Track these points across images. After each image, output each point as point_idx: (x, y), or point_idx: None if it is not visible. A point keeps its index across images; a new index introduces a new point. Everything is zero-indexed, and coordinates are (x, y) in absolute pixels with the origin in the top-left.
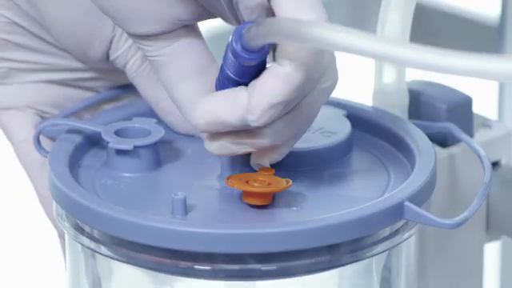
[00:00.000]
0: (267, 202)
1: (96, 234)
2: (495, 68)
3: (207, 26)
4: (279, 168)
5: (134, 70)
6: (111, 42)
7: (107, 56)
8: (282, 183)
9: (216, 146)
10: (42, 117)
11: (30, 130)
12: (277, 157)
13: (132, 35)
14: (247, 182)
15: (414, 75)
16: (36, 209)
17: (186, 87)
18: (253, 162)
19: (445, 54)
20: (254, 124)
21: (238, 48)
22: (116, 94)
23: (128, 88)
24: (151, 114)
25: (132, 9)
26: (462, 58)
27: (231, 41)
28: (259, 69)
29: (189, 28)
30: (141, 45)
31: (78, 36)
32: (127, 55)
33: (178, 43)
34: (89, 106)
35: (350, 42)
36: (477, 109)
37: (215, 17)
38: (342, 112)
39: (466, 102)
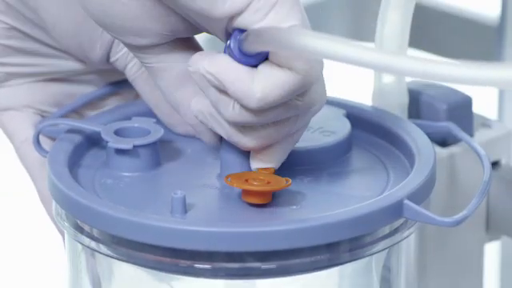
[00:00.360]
0: (267, 201)
1: (96, 233)
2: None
3: None
4: (279, 167)
5: (134, 72)
6: (112, 45)
7: (107, 58)
8: (281, 182)
9: (197, 107)
10: (41, 116)
11: (30, 130)
12: (272, 161)
13: (126, 45)
14: (247, 180)
15: None
16: (36, 209)
17: (184, 92)
18: (251, 163)
19: (432, 62)
20: (252, 102)
21: (236, 51)
22: (115, 89)
23: (126, 83)
24: (151, 113)
25: (122, 24)
26: (441, 64)
27: (228, 45)
28: None
29: (185, 38)
30: (136, 53)
31: (79, 39)
32: (127, 58)
33: (173, 52)
34: (88, 102)
35: (337, 50)
36: (477, 109)
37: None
38: (342, 111)
39: (466, 102)
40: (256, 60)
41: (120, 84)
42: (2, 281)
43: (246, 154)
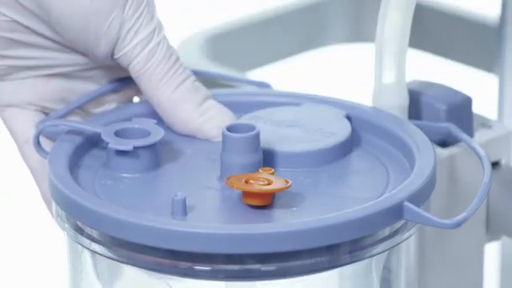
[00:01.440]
0: (267, 203)
1: (96, 234)
2: None
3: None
4: (279, 168)
5: (137, 70)
6: (116, 42)
7: (112, 54)
8: (281, 183)
9: None
10: (44, 113)
11: (33, 130)
12: None
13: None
14: (247, 182)
15: (414, 75)
16: (37, 209)
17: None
18: None
19: None
20: None
21: None
22: (117, 87)
23: (129, 80)
24: (151, 114)
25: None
26: None
27: None
28: None
29: None
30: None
31: (84, 35)
32: (131, 56)
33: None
34: (89, 100)
35: None
36: (477, 109)
37: None
38: (342, 112)
39: (466, 102)
40: None
41: (122, 81)
42: (2, 281)
43: (247, 155)
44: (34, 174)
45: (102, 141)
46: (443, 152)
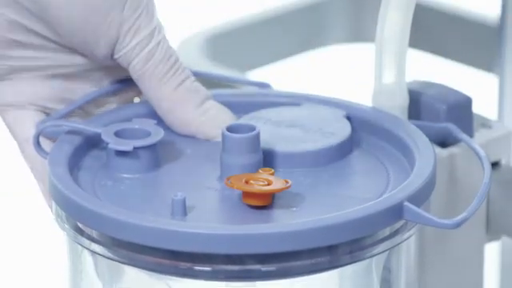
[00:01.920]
0: (267, 203)
1: (96, 235)
2: None
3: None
4: (279, 168)
5: (138, 69)
6: (116, 42)
7: (112, 54)
8: (281, 184)
9: None
10: (45, 113)
11: (33, 129)
12: None
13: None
14: (247, 182)
15: (414, 75)
16: (36, 209)
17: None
18: None
19: None
20: None
21: None
22: (118, 88)
23: (130, 81)
24: (151, 115)
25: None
26: None
27: None
28: None
29: None
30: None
31: (84, 35)
32: (131, 55)
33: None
34: (89, 101)
35: None
36: (477, 109)
37: None
38: (342, 113)
39: (466, 102)
40: None
41: (123, 82)
42: (2, 281)
43: (247, 155)
44: (35, 173)
45: (102, 141)
46: (443, 152)
